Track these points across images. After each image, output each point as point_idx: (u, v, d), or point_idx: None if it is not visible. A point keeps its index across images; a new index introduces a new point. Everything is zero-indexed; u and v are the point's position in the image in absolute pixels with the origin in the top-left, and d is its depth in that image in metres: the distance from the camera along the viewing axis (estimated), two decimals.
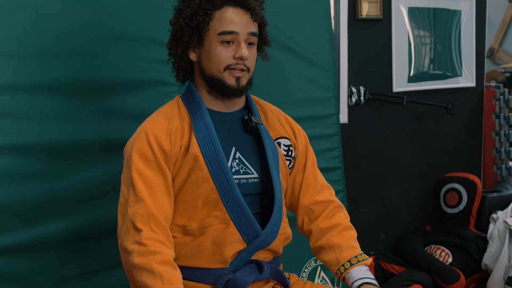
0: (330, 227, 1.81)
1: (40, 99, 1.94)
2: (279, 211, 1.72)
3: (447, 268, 3.25)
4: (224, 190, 1.65)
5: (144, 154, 1.62)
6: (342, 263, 1.75)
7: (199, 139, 1.66)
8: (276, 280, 1.76)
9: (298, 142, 1.84)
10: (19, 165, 1.89)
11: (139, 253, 1.55)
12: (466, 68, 3.82)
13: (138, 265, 1.54)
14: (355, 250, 1.78)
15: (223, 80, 1.66)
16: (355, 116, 3.38)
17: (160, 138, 1.64)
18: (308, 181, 1.84)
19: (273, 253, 1.77)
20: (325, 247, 1.79)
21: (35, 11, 1.94)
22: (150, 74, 2.20)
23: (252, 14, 1.67)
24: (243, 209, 1.66)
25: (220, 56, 1.64)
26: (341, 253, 1.76)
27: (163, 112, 1.71)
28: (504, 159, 3.97)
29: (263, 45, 1.79)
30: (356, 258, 1.75)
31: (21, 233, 1.90)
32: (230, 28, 1.64)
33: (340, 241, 1.78)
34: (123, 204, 1.64)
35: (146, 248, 1.55)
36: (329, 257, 1.78)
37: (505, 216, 3.39)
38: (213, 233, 1.66)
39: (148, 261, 1.54)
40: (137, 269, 1.55)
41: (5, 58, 1.88)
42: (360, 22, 3.34)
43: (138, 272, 1.54)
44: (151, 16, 2.18)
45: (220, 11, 1.65)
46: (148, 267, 1.53)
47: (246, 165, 1.72)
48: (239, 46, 1.64)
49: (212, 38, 1.65)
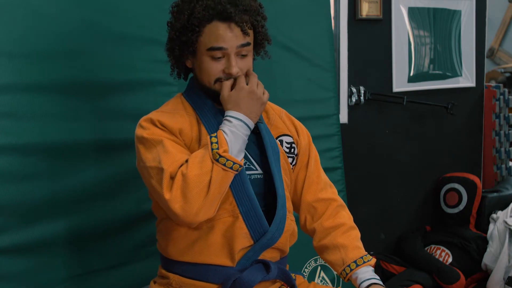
0: (335, 226, 1.81)
1: (40, 99, 1.94)
2: (282, 208, 1.71)
3: (447, 268, 3.25)
4: (235, 184, 1.64)
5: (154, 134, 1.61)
6: (348, 264, 1.76)
7: (209, 131, 1.66)
8: (283, 280, 1.75)
9: (301, 139, 1.85)
10: (19, 165, 1.89)
11: (187, 167, 1.53)
12: (466, 68, 3.82)
13: (192, 164, 1.53)
14: (360, 251, 1.78)
15: (216, 90, 1.66)
16: (355, 116, 3.38)
17: (166, 122, 1.63)
18: (311, 179, 1.85)
19: (280, 252, 1.77)
20: (329, 247, 1.80)
21: (35, 11, 1.94)
22: (150, 74, 2.20)
23: (242, 27, 1.62)
24: (252, 203, 1.65)
25: (210, 70, 1.64)
26: (347, 253, 1.77)
27: (168, 108, 1.71)
28: (504, 159, 3.97)
29: (264, 41, 1.74)
30: (362, 259, 1.76)
31: (21, 233, 1.90)
32: (219, 44, 1.61)
33: (345, 241, 1.79)
34: (154, 174, 1.57)
35: (185, 166, 1.53)
36: (334, 257, 1.79)
37: (505, 216, 3.39)
38: (222, 227, 1.65)
39: (193, 159, 1.54)
40: (202, 168, 1.53)
41: (5, 58, 1.88)
42: (360, 22, 3.34)
43: (204, 166, 1.53)
44: (151, 16, 2.18)
45: (210, 25, 1.61)
46: (196, 156, 1.54)
47: (250, 161, 1.72)
48: (229, 62, 1.63)
49: (202, 52, 1.63)
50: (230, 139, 1.56)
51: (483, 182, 3.99)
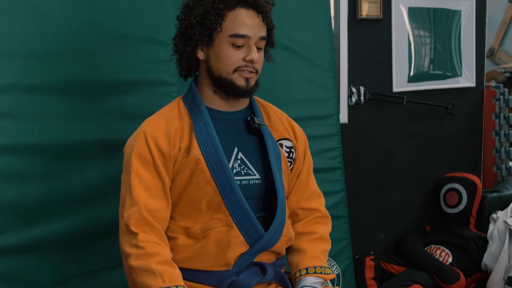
0: (305, 233, 1.81)
1: (40, 99, 1.94)
2: (282, 213, 1.71)
3: (447, 268, 3.25)
4: (227, 193, 1.65)
5: (143, 156, 1.63)
6: (299, 269, 1.75)
7: (200, 142, 1.65)
8: (279, 282, 1.75)
9: (299, 145, 1.84)
10: (19, 165, 1.90)
11: (137, 256, 1.56)
12: (466, 68, 3.82)
13: (137, 267, 1.55)
14: (318, 261, 1.76)
15: (232, 81, 1.65)
16: (355, 116, 3.37)
17: (159, 139, 1.64)
18: (299, 185, 1.84)
19: (275, 254, 1.77)
20: (293, 249, 1.81)
21: (35, 11, 1.94)
22: (150, 74, 2.20)
23: (264, 17, 1.66)
24: (246, 212, 1.66)
25: (231, 58, 1.64)
26: (304, 259, 1.76)
27: (163, 113, 1.71)
28: (504, 159, 3.97)
29: (268, 47, 1.78)
30: (313, 268, 1.74)
31: (21, 233, 1.90)
32: (243, 31, 1.63)
33: (307, 248, 1.78)
34: (121, 206, 1.65)
35: (144, 251, 1.56)
36: (292, 259, 1.80)
37: (505, 216, 3.39)
38: (216, 236, 1.65)
39: (147, 262, 1.55)
40: (136, 271, 1.56)
41: (5, 58, 1.88)
42: (360, 22, 3.34)
43: (138, 274, 1.55)
44: (151, 16, 2.18)
45: (233, 12, 1.63)
46: (147, 268, 1.54)
47: (248, 166, 1.71)
48: (250, 49, 1.64)
49: (223, 39, 1.64)
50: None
51: (483, 182, 3.99)
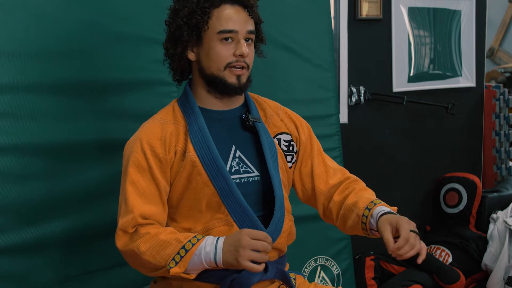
0: (345, 196, 1.78)
1: (40, 99, 1.94)
2: (280, 209, 1.72)
3: (447, 268, 3.25)
4: (225, 194, 1.66)
5: (139, 163, 1.64)
6: (361, 215, 1.69)
7: (195, 144, 1.67)
8: (281, 280, 1.75)
9: (301, 133, 1.84)
10: (19, 165, 1.90)
11: (144, 241, 1.58)
12: (466, 68, 3.82)
13: (148, 249, 1.57)
14: (371, 198, 1.73)
15: (224, 78, 1.67)
16: (355, 116, 3.38)
17: (154, 145, 1.65)
18: (319, 169, 1.83)
19: (278, 252, 1.76)
20: (345, 215, 1.75)
21: (35, 11, 1.94)
22: (150, 74, 2.20)
23: (249, 11, 1.69)
24: (245, 210, 1.66)
25: (220, 54, 1.65)
26: (358, 207, 1.71)
27: (158, 118, 1.72)
28: (504, 159, 3.97)
29: (258, 43, 1.79)
30: (372, 203, 1.69)
31: (21, 233, 1.90)
32: (230, 26, 1.64)
33: (355, 199, 1.74)
34: (118, 212, 1.67)
35: (149, 235, 1.59)
36: (351, 221, 1.73)
37: (505, 216, 3.39)
38: (217, 235, 1.65)
39: (155, 239, 1.58)
40: (149, 253, 1.57)
41: (5, 58, 1.89)
42: (360, 22, 3.34)
43: (152, 255, 1.57)
44: (151, 16, 2.18)
45: (218, 9, 1.65)
46: (159, 243, 1.57)
47: (246, 163, 1.72)
48: (239, 43, 1.65)
49: (211, 36, 1.65)
50: (193, 263, 1.57)
51: (483, 182, 3.99)
